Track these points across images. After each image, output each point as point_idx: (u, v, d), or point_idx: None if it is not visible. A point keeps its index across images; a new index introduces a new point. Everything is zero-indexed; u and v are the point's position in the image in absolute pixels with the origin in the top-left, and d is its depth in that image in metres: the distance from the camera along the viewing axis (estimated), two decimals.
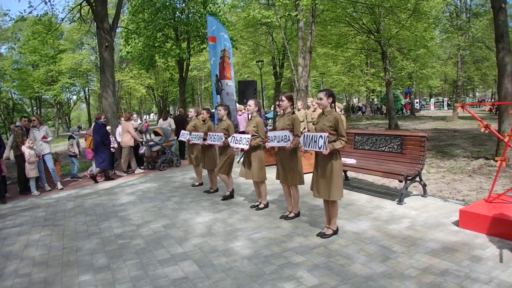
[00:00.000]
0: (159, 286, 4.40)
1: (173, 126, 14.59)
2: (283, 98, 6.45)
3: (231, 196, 8.36)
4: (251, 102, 7.23)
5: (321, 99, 5.47)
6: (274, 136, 6.40)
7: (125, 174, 12.77)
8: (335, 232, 5.69)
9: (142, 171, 12.97)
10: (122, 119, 13.29)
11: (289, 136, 6.07)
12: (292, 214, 6.67)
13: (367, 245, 5.17)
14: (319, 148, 5.26)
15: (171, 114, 34.53)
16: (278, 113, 6.89)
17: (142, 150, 13.08)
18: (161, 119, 15.73)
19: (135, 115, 15.36)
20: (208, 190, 9.22)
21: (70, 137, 12.58)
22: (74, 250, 5.81)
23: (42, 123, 11.25)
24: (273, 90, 42.22)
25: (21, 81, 44.24)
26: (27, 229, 7.14)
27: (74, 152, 12.34)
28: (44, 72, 42.93)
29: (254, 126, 7.09)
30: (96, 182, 11.53)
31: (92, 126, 12.52)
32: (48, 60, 43.44)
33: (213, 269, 4.76)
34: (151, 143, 13.36)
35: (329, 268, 4.57)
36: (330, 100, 5.49)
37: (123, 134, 12.52)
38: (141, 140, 13.24)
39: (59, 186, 10.94)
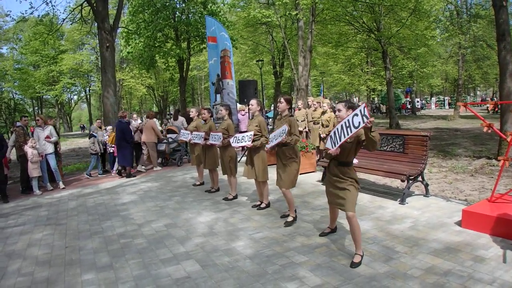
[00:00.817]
0: (161, 286, 4.41)
1: (186, 125, 14.71)
2: (282, 100, 6.36)
3: (234, 198, 8.31)
4: (253, 102, 7.12)
5: (340, 110, 4.89)
6: (273, 135, 6.33)
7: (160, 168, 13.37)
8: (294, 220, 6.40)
9: (145, 171, 13.01)
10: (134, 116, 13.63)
11: (285, 129, 5.99)
12: (290, 218, 6.48)
13: (370, 245, 5.18)
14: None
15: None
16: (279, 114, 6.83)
17: (163, 147, 13.41)
18: (171, 119, 15.79)
19: (135, 115, 15.38)
20: (209, 189, 9.20)
21: (91, 136, 12.72)
22: (76, 249, 5.82)
23: (47, 123, 11.26)
24: (273, 90, 42.23)
25: (22, 81, 44.31)
26: (30, 228, 7.15)
27: (95, 150, 12.50)
28: (45, 72, 42.98)
29: (257, 126, 7.01)
30: (131, 176, 12.10)
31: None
32: (49, 60, 43.50)
33: (216, 268, 4.77)
34: (170, 140, 13.52)
35: (332, 268, 4.58)
36: (350, 112, 4.79)
37: (146, 132, 12.75)
38: (163, 137, 13.43)
39: (61, 185, 10.95)
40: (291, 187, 6.35)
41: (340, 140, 4.59)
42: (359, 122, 4.30)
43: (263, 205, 7.39)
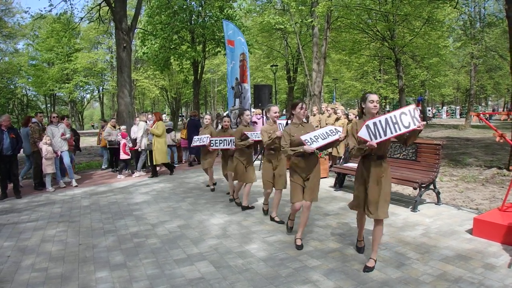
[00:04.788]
0: (176, 285, 4.45)
1: None
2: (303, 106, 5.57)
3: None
4: (275, 108, 6.55)
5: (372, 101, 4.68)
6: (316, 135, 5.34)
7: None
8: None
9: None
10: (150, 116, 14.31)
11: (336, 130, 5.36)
12: (299, 242, 5.54)
13: (382, 251, 5.22)
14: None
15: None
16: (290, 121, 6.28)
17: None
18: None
19: (150, 116, 15.49)
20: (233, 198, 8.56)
21: (171, 130, 14.10)
22: (90, 246, 5.88)
23: (60, 121, 11.38)
24: (285, 95, 42.34)
25: (36, 78, 44.57)
26: (43, 224, 7.22)
27: (175, 141, 14.51)
28: (58, 70, 43.19)
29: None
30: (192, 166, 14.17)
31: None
32: (63, 58, 43.75)
33: (229, 270, 4.82)
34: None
35: (345, 272, 4.63)
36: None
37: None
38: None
39: (74, 183, 11.04)
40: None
41: (385, 135, 4.40)
42: (409, 123, 4.29)
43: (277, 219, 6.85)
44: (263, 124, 14.48)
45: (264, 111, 14.96)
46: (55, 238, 6.35)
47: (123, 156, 12.29)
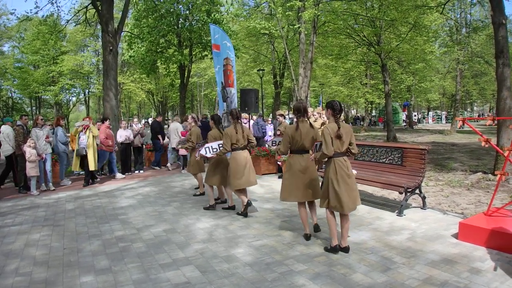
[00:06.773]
0: None
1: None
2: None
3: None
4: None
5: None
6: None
7: None
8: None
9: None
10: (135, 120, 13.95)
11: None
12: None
13: (368, 255, 5.22)
14: None
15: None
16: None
17: None
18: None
19: (136, 119, 15.42)
20: (217, 199, 8.62)
21: None
22: (75, 251, 5.80)
23: (45, 124, 11.27)
24: (272, 99, 42.40)
25: (22, 80, 44.16)
26: (27, 228, 7.13)
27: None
28: (44, 72, 42.81)
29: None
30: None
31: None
32: (49, 60, 43.38)
33: (215, 274, 4.78)
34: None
35: (331, 277, 4.61)
36: (329, 112, 5.27)
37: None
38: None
39: (51, 187, 10.92)
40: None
41: None
42: None
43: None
44: (249, 128, 14.53)
45: (250, 115, 15.01)
46: (39, 242, 6.27)
47: (182, 152, 13.20)
